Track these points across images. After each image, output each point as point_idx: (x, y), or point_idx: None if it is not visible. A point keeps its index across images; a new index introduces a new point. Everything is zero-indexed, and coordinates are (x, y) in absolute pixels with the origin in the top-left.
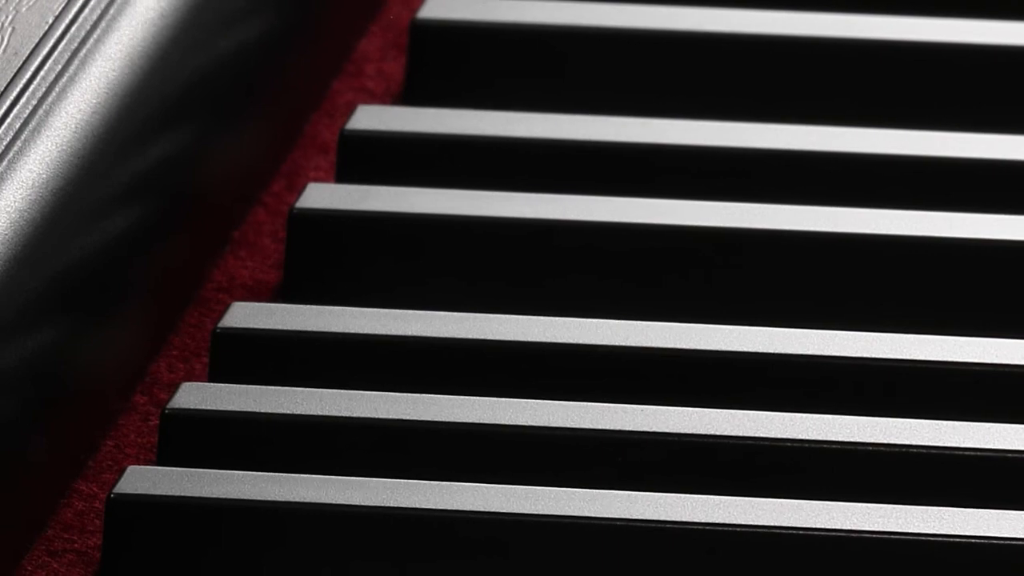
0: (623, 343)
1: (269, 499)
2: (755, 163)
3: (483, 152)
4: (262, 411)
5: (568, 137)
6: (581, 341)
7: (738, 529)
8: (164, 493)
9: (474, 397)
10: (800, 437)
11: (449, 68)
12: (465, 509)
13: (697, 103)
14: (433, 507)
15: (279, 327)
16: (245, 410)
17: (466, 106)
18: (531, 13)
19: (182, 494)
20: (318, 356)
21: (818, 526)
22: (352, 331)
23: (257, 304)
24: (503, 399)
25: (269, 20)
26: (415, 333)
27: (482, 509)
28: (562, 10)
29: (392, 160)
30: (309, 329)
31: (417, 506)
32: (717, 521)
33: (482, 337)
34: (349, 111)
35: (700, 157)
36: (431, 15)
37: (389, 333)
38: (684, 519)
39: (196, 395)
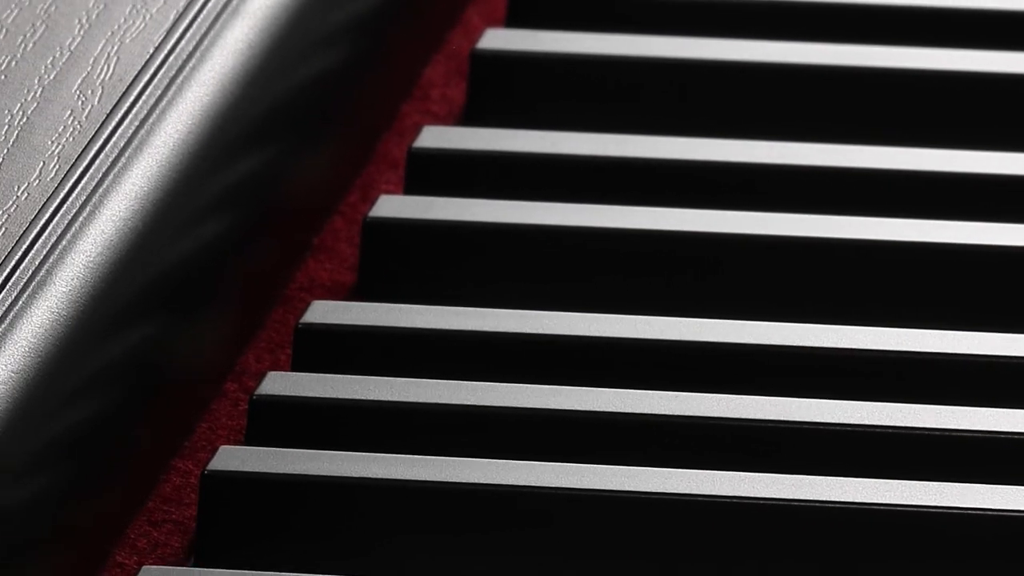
0: (658, 336)
1: (345, 475)
2: (769, 176)
3: (534, 167)
4: (339, 397)
5: (607, 154)
6: (620, 335)
7: (760, 502)
8: (252, 470)
9: (526, 385)
10: (814, 420)
11: (504, 93)
12: (517, 484)
13: (717, 123)
14: (488, 482)
15: (354, 323)
16: (324, 396)
17: (519, 126)
18: (574, 45)
19: (267, 471)
20: (389, 348)
21: (831, 499)
22: (419, 326)
23: (335, 302)
24: (551, 387)
25: (345, 50)
26: (474, 328)
27: (533, 484)
28: (600, 42)
29: (454, 175)
30: (381, 324)
31: (474, 481)
32: (742, 495)
33: (532, 331)
34: (416, 131)
35: (721, 171)
36: (489, 46)
37: (452, 328)
38: (713, 493)
39: (280, 383)
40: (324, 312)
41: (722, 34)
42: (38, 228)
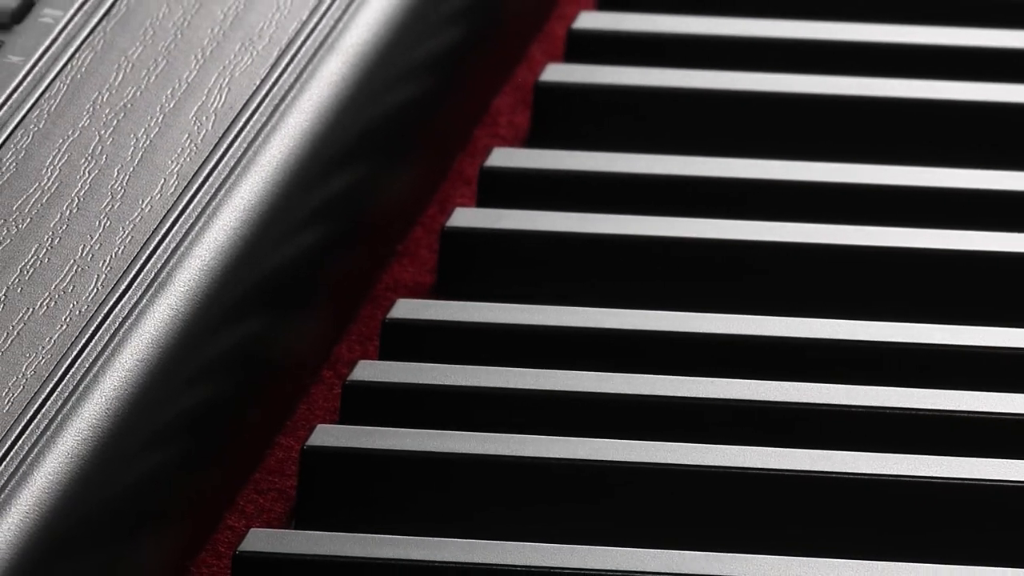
0: (695, 330)
1: (426, 450)
2: (800, 192)
3: (590, 184)
4: (421, 382)
5: (653, 172)
6: (672, 328)
7: (784, 473)
8: (344, 446)
9: (584, 372)
10: (831, 402)
11: (563, 119)
12: (578, 458)
13: (751, 145)
14: (552, 456)
15: (434, 318)
16: (407, 382)
17: (577, 148)
18: (623, 78)
19: (358, 446)
20: (464, 340)
21: (850, 471)
22: (490, 321)
23: (416, 301)
24: (606, 373)
25: (426, 82)
26: (538, 322)
27: (592, 458)
28: (645, 76)
29: (520, 190)
30: (457, 319)
31: (540, 455)
32: (771, 467)
33: (588, 325)
34: (486, 153)
35: (755, 187)
36: (549, 79)
37: (519, 322)
38: (747, 465)
39: (370, 370)
40: (407, 309)
41: (751, 68)
42: (160, 236)
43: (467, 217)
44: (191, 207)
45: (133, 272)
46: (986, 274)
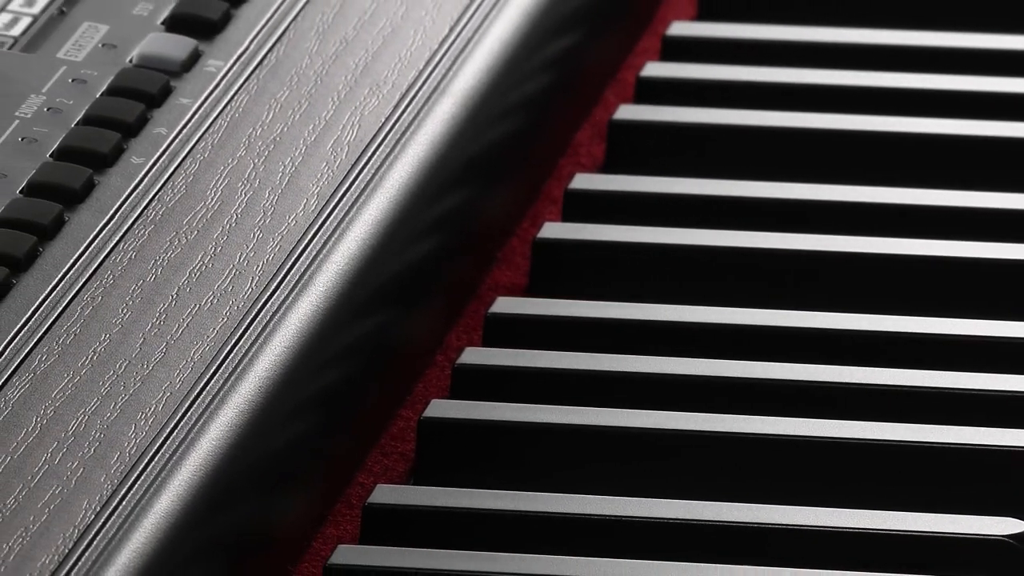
0: (756, 323)
1: (526, 420)
2: (845, 210)
3: (656, 202)
4: (519, 365)
5: (710, 192)
6: (726, 321)
7: (822, 440)
8: (455, 416)
9: (661, 357)
10: (861, 381)
11: (633, 150)
12: (656, 427)
13: (791, 172)
14: (634, 426)
15: (527, 312)
16: (507, 364)
17: (645, 174)
18: (686, 116)
19: (466, 417)
20: (553, 330)
21: (873, 438)
22: (576, 315)
23: (513, 298)
24: (680, 358)
25: (521, 120)
26: (620, 316)
27: (667, 427)
28: (704, 114)
29: (598, 208)
30: (548, 314)
31: (623, 425)
32: (809, 434)
33: (659, 319)
34: (570, 177)
35: (805, 206)
36: (622, 117)
37: (602, 316)
38: (796, 433)
39: (476, 355)
40: (506, 305)
41: (796, 108)
42: (303, 245)
43: (554, 230)
44: (328, 222)
45: (281, 275)
46: (996, 277)
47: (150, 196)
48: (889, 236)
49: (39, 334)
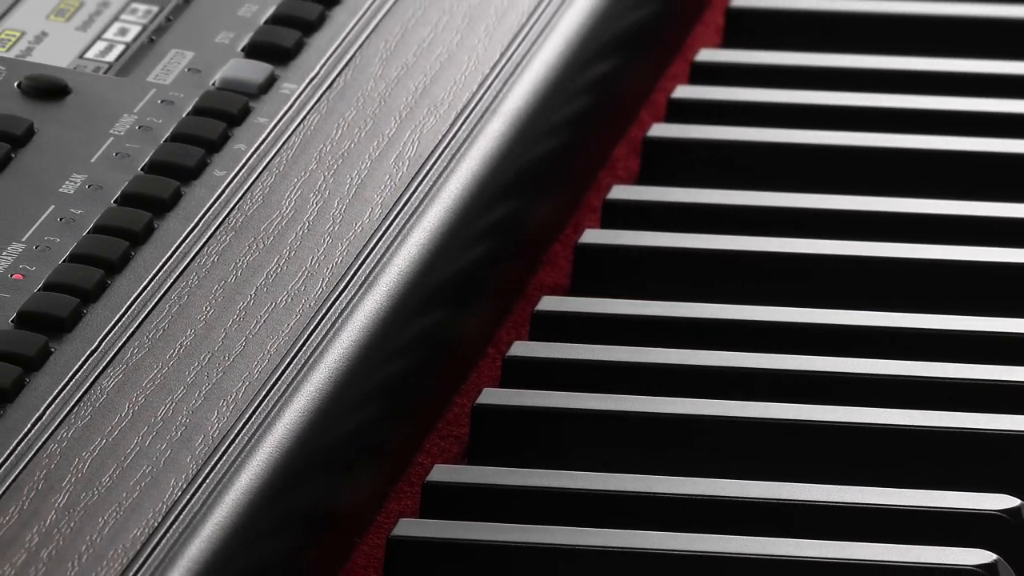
0: (776, 319)
1: (569, 407)
2: (855, 218)
3: (687, 211)
4: (564, 357)
5: (735, 202)
6: (762, 319)
7: (832, 424)
8: (504, 403)
9: (695, 350)
10: (864, 372)
11: (665, 165)
12: (685, 413)
13: (819, 184)
14: (667, 412)
15: (569, 309)
16: (553, 356)
17: (676, 186)
18: (712, 134)
19: (515, 404)
20: (593, 326)
21: (876, 422)
22: (612, 312)
23: (557, 297)
24: (708, 351)
25: (564, 137)
26: (656, 313)
27: (695, 413)
28: (730, 132)
29: (634, 216)
30: (587, 311)
31: (657, 411)
32: (817, 419)
33: (689, 315)
34: (608, 188)
35: (821, 215)
36: (655, 134)
37: (640, 313)
38: (804, 418)
39: (524, 348)
40: (550, 303)
41: (812, 127)
42: (368, 250)
43: (594, 236)
44: (390, 229)
45: (348, 277)
46: (990, 279)
47: (231, 205)
48: (897, 241)
49: (131, 329)
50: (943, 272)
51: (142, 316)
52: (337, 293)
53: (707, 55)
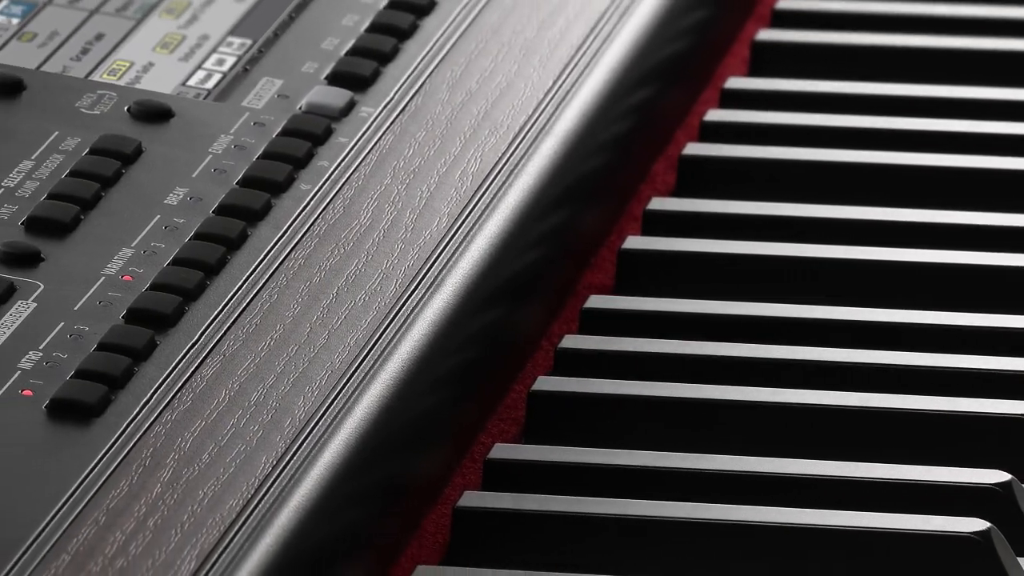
0: (797, 316)
1: (614, 392)
2: (867, 226)
3: (720, 220)
4: (610, 349)
5: (768, 212)
6: (786, 315)
7: (847, 408)
8: (557, 390)
9: (725, 343)
10: (873, 361)
11: (699, 179)
12: (711, 397)
13: (838, 196)
14: (708, 397)
15: (616, 307)
16: (600, 348)
17: (709, 198)
18: (742, 152)
19: (567, 390)
20: (637, 322)
21: (885, 406)
22: (652, 309)
23: (604, 296)
24: (740, 344)
25: (609, 154)
26: (694, 311)
27: (741, 399)
28: (758, 151)
29: (672, 223)
30: (629, 308)
31: (692, 396)
32: (833, 403)
33: (722, 312)
34: (648, 200)
35: (839, 224)
36: (690, 152)
37: (674, 310)
38: (813, 402)
39: (574, 341)
40: (598, 302)
41: (832, 146)
42: (436, 255)
43: (635, 242)
44: (456, 236)
45: (419, 278)
46: (990, 280)
47: (315, 215)
48: (909, 247)
49: (228, 324)
50: (951, 274)
51: (237, 313)
52: (408, 293)
53: (735, 83)
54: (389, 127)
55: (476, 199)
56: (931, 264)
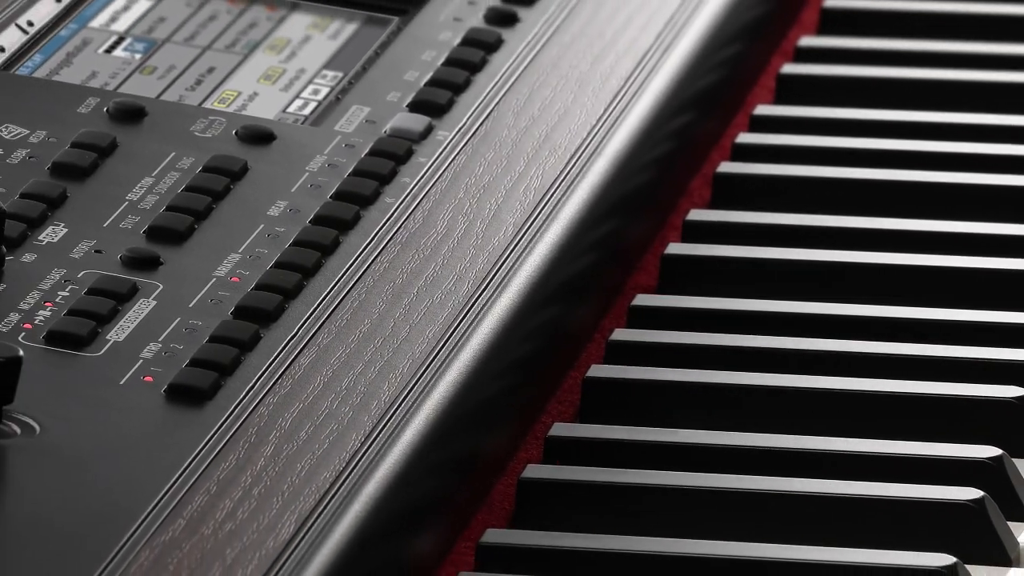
0: (825, 312)
1: (662, 379)
2: (891, 236)
3: (752, 229)
4: (655, 341)
5: (796, 223)
6: (814, 312)
7: (859, 392)
8: (608, 376)
9: (755, 335)
10: (885, 352)
11: (733, 194)
12: (742, 384)
13: (863, 210)
14: (738, 383)
15: (660, 304)
16: (647, 341)
17: (742, 210)
18: (772, 170)
19: (617, 376)
20: (678, 317)
21: (889, 390)
22: (693, 306)
23: (650, 295)
24: (786, 337)
25: (653, 172)
26: (732, 308)
27: (742, 383)
28: (786, 168)
29: (707, 233)
30: (673, 305)
31: (733, 382)
32: (847, 387)
33: (756, 309)
34: (687, 212)
35: (862, 233)
36: (723, 170)
37: (709, 307)
38: (825, 387)
39: (623, 334)
40: (644, 300)
41: (855, 165)
42: (503, 259)
43: (676, 248)
44: (520, 242)
45: (488, 279)
46: (991, 281)
47: (398, 225)
48: (924, 253)
49: (322, 320)
50: (959, 277)
51: (330, 309)
52: (479, 292)
53: (763, 110)
54: (462, 148)
55: (537, 211)
56: (944, 267)
